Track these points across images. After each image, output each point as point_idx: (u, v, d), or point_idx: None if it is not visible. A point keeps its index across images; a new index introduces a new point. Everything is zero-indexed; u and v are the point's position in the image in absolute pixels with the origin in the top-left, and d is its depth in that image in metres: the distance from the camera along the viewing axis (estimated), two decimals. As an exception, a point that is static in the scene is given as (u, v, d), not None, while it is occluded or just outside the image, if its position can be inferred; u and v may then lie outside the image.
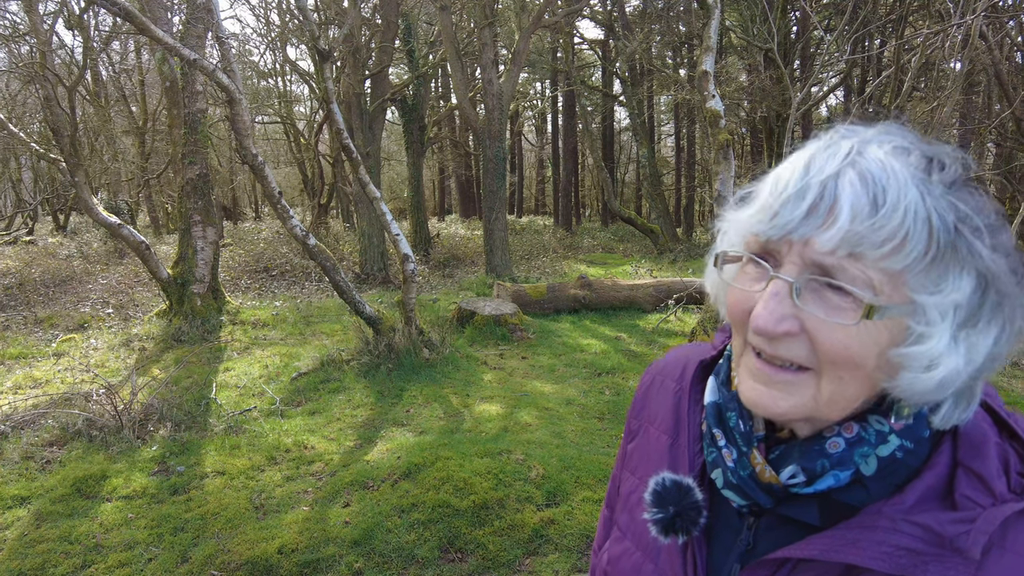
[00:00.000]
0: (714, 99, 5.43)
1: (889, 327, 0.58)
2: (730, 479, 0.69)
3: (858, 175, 0.57)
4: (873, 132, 0.62)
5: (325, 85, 5.70)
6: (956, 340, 0.57)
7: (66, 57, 15.54)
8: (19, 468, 4.43)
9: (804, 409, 0.62)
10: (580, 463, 4.20)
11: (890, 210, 0.56)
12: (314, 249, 5.85)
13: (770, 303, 0.61)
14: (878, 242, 0.56)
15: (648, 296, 9.25)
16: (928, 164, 0.58)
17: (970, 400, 0.61)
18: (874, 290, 0.57)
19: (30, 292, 11.30)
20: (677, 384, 0.85)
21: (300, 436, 4.92)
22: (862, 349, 0.58)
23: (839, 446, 0.63)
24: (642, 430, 0.88)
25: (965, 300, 0.57)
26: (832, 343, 0.59)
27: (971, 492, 0.59)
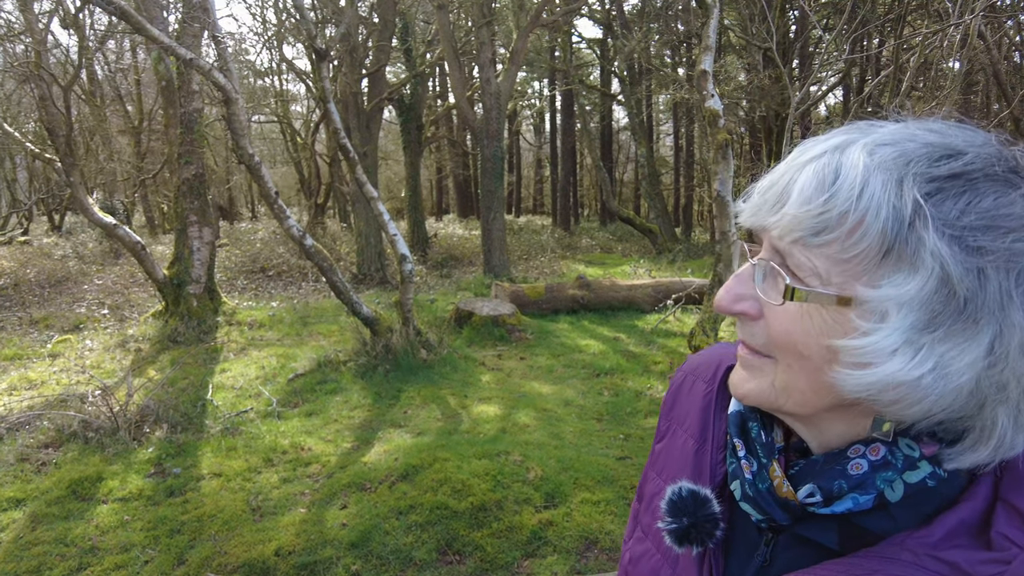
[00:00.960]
0: (713, 98, 5.41)
1: (830, 317, 0.56)
2: (748, 492, 0.67)
3: (822, 164, 0.56)
4: (887, 126, 0.59)
5: (322, 84, 5.66)
6: (911, 345, 0.53)
7: (61, 56, 15.47)
8: (14, 470, 4.39)
9: (765, 395, 0.63)
10: (579, 464, 4.18)
11: (833, 197, 0.54)
12: (311, 249, 5.83)
13: (730, 281, 0.63)
14: (818, 229, 0.55)
15: (647, 296, 9.24)
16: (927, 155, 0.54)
17: (988, 438, 0.55)
18: (820, 278, 0.56)
19: (25, 293, 11.25)
20: (708, 386, 0.83)
21: (297, 438, 4.89)
22: (803, 336, 0.58)
23: (861, 468, 0.60)
24: (671, 431, 0.86)
25: (913, 300, 0.53)
26: (775, 326, 0.59)
27: (1008, 530, 0.55)
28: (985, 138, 0.57)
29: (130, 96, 19.32)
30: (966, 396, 0.53)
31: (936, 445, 0.58)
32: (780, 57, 7.26)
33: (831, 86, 13.75)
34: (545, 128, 31.64)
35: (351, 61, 11.65)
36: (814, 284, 0.56)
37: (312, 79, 16.58)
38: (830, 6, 16.78)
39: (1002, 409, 0.54)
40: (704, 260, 14.68)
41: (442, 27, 11.99)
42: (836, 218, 0.54)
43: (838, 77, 14.71)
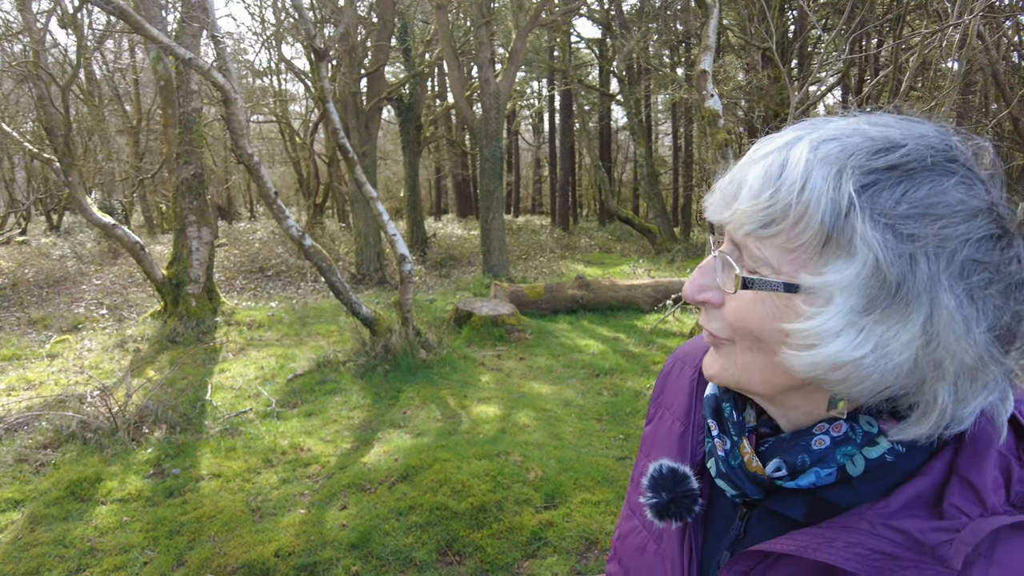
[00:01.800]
0: (713, 98, 5.40)
1: (780, 303, 0.60)
2: (722, 468, 0.71)
3: (770, 161, 0.59)
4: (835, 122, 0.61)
5: (321, 84, 5.65)
6: (853, 327, 0.56)
7: (59, 56, 15.44)
8: (13, 471, 4.38)
9: (728, 374, 0.67)
10: (579, 465, 4.18)
11: (778, 191, 0.57)
12: (310, 250, 5.82)
13: (695, 274, 0.68)
14: (766, 221, 0.58)
15: (646, 296, 9.23)
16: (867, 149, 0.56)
17: (930, 412, 0.58)
18: (771, 268, 0.59)
19: (23, 293, 11.22)
20: (694, 372, 0.88)
21: (296, 438, 4.88)
22: (755, 320, 0.61)
23: (824, 443, 0.63)
24: (659, 415, 0.91)
25: (851, 285, 0.56)
26: (730, 311, 0.64)
27: (960, 502, 0.58)
28: (927, 129, 0.59)
29: (128, 96, 19.29)
30: (907, 374, 0.57)
31: (895, 422, 0.62)
32: (779, 57, 7.26)
33: (830, 86, 13.76)
34: (544, 128, 31.64)
35: (350, 61, 11.63)
36: (766, 273, 0.60)
37: (311, 79, 16.56)
38: (829, 6, 16.80)
39: (941, 386, 0.57)
40: (703, 259, 14.66)
41: (441, 27, 11.98)
42: (781, 211, 0.57)
43: (837, 77, 14.71)
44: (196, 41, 7.91)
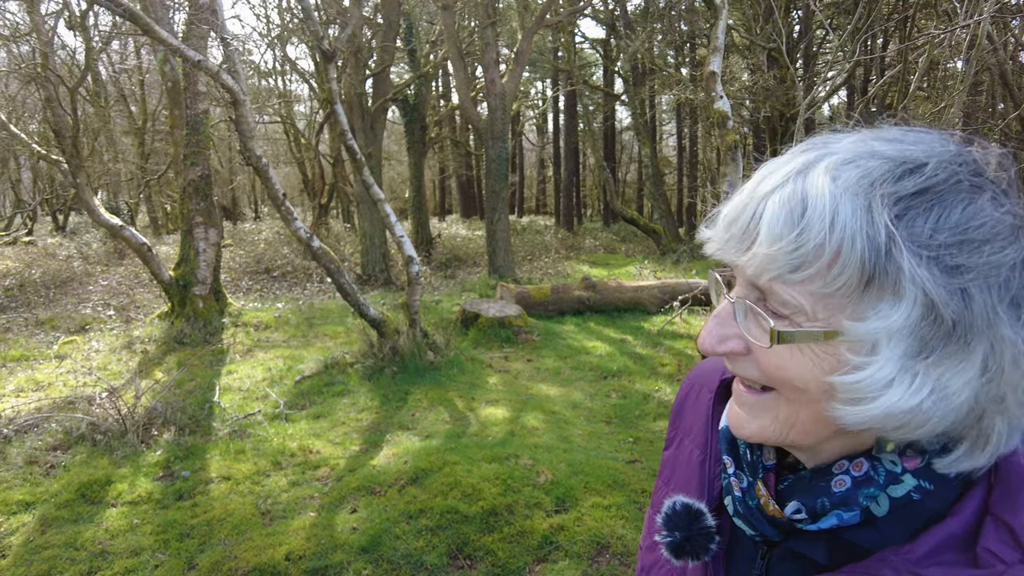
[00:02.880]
0: (721, 100, 5.39)
1: (822, 352, 0.55)
2: (738, 508, 0.68)
3: (787, 194, 0.54)
4: (843, 141, 0.57)
5: (329, 86, 5.65)
6: (906, 373, 0.52)
7: (66, 57, 15.49)
8: (23, 473, 4.39)
9: (769, 432, 0.61)
10: (588, 468, 4.17)
11: (805, 231, 0.52)
12: (318, 251, 5.82)
13: (711, 323, 0.62)
14: (795, 265, 0.53)
15: (653, 297, 9.21)
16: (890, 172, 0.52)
17: (985, 444, 0.54)
18: (806, 315, 0.54)
19: (31, 293, 11.26)
20: (711, 396, 0.83)
21: (305, 440, 4.88)
22: (798, 373, 0.56)
23: (844, 484, 0.59)
24: (677, 440, 0.87)
25: (901, 329, 0.51)
26: (767, 363, 0.58)
27: (996, 546, 0.53)
28: (942, 142, 0.55)
29: (134, 96, 19.34)
30: (966, 412, 0.53)
31: (919, 458, 0.58)
32: (785, 57, 7.24)
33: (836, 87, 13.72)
34: (548, 128, 31.63)
35: (356, 62, 11.64)
36: (800, 321, 0.55)
37: (316, 79, 16.58)
38: (834, 6, 16.75)
39: (999, 418, 0.54)
40: (708, 261, 14.59)
41: (447, 28, 11.98)
42: (812, 252, 0.52)
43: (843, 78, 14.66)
44: (203, 43, 7.92)
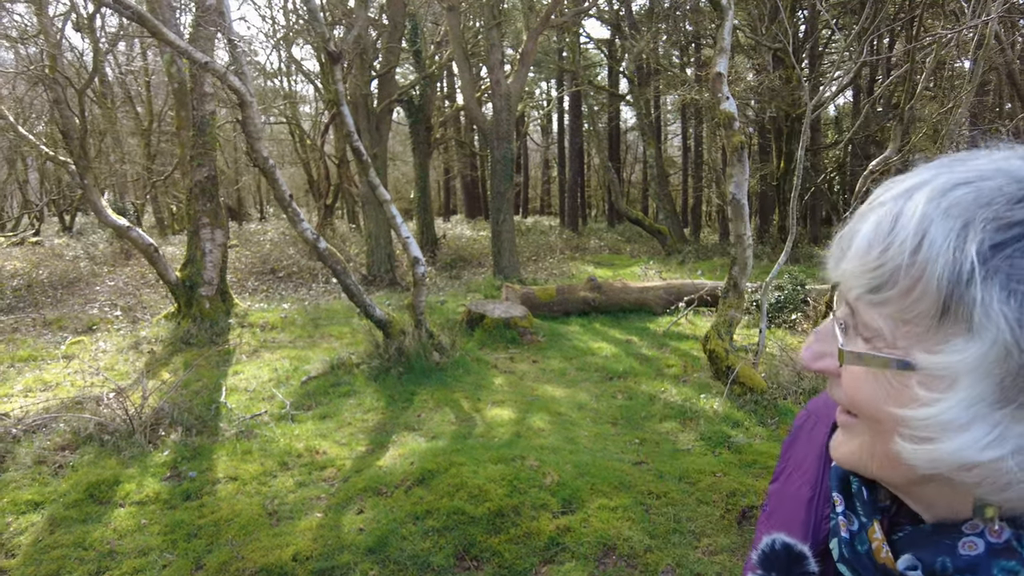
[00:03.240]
0: (728, 101, 5.38)
1: (893, 381, 0.51)
2: (844, 552, 0.62)
3: (885, 211, 0.51)
4: (979, 159, 0.51)
5: (336, 87, 5.67)
6: (982, 421, 0.46)
7: (74, 59, 15.56)
8: (32, 473, 4.41)
9: (855, 458, 0.58)
10: (595, 469, 4.17)
11: (887, 250, 0.49)
12: (325, 253, 5.83)
13: (811, 338, 0.60)
14: (875, 285, 0.50)
15: (658, 298, 9.20)
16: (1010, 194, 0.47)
17: None
18: (885, 340, 0.51)
19: (38, 294, 11.32)
20: (827, 431, 0.75)
21: (311, 441, 4.90)
22: (871, 400, 0.53)
23: (976, 548, 0.52)
24: (786, 473, 0.80)
25: (976, 369, 0.46)
26: (847, 386, 0.56)
27: None
28: None
29: (140, 97, 19.41)
30: None
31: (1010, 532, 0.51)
32: (791, 58, 7.22)
33: (842, 86, 13.68)
34: (552, 128, 31.63)
35: (361, 63, 11.66)
36: (879, 346, 0.51)
37: (321, 80, 16.61)
38: (840, 6, 16.70)
39: None
40: (714, 261, 14.62)
41: (452, 29, 11.99)
42: (890, 273, 0.49)
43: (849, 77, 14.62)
44: (210, 44, 7.95)
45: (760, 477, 4.16)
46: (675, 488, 4.00)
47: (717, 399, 5.51)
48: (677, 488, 4.01)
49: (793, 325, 8.19)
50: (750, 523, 3.66)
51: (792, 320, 8.25)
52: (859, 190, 8.19)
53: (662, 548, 3.40)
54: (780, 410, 5.27)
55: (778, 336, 7.66)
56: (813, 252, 15.86)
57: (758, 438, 4.84)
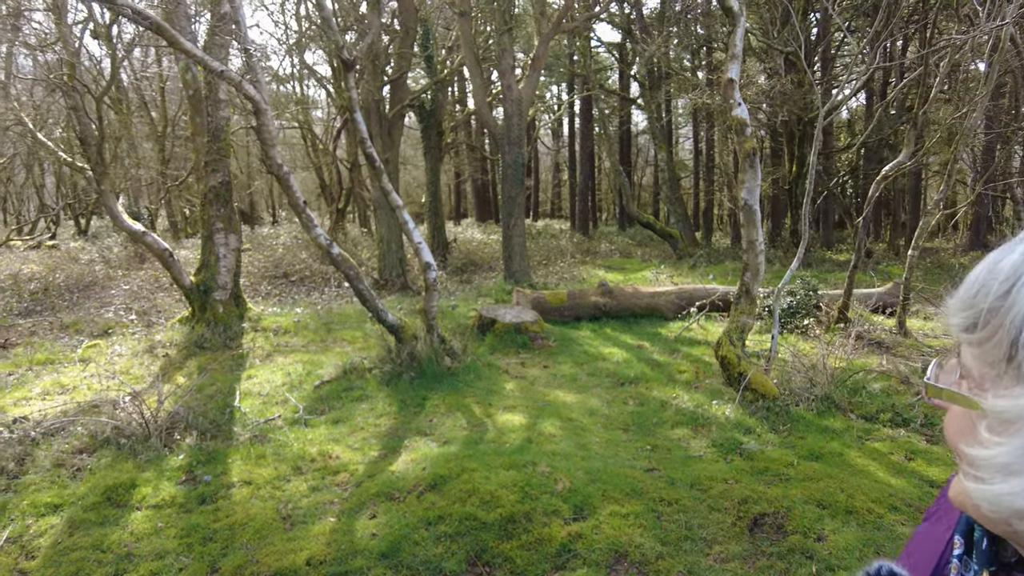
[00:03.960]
0: (740, 107, 5.38)
1: (967, 419, 0.53)
2: None
3: (994, 257, 0.53)
4: None
5: (349, 94, 5.72)
6: None
7: (91, 66, 15.75)
8: (51, 475, 4.48)
9: (958, 496, 0.58)
10: (606, 476, 4.17)
11: (980, 293, 0.51)
12: (338, 258, 5.88)
13: (933, 368, 0.60)
14: (966, 325, 0.52)
15: (670, 303, 9.18)
16: None
17: None
18: (973, 380, 0.52)
19: (55, 297, 11.46)
20: None
21: (324, 445, 4.93)
22: (951, 435, 0.55)
23: None
24: (936, 516, 0.78)
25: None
26: (945, 420, 0.57)
27: None
28: None
29: (154, 102, 19.62)
30: None
31: None
32: (803, 61, 7.20)
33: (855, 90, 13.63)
34: (563, 132, 31.66)
35: (373, 69, 11.74)
36: (970, 385, 0.52)
37: (333, 85, 16.74)
38: (852, 9, 16.62)
39: None
40: (725, 265, 14.57)
41: (463, 34, 12.04)
42: (980, 315, 0.50)
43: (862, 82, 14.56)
44: (225, 51, 8.04)
45: (772, 484, 4.15)
46: (687, 495, 4.00)
47: (729, 405, 5.51)
48: (689, 495, 4.01)
49: (805, 331, 8.15)
50: (762, 531, 3.65)
51: (804, 326, 8.21)
52: (871, 194, 8.15)
53: (674, 555, 3.41)
54: (792, 417, 5.25)
55: (790, 342, 7.63)
56: (825, 256, 15.78)
57: (770, 445, 4.83)
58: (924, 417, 5.18)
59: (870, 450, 4.71)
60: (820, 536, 3.53)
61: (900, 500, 3.88)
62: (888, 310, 8.95)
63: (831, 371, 5.72)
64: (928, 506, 0.82)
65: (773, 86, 14.18)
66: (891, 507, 3.79)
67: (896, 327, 8.05)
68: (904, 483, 4.17)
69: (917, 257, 8.00)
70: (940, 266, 13.75)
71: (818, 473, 4.27)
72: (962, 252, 15.91)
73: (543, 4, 12.47)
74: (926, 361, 6.60)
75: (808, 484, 4.11)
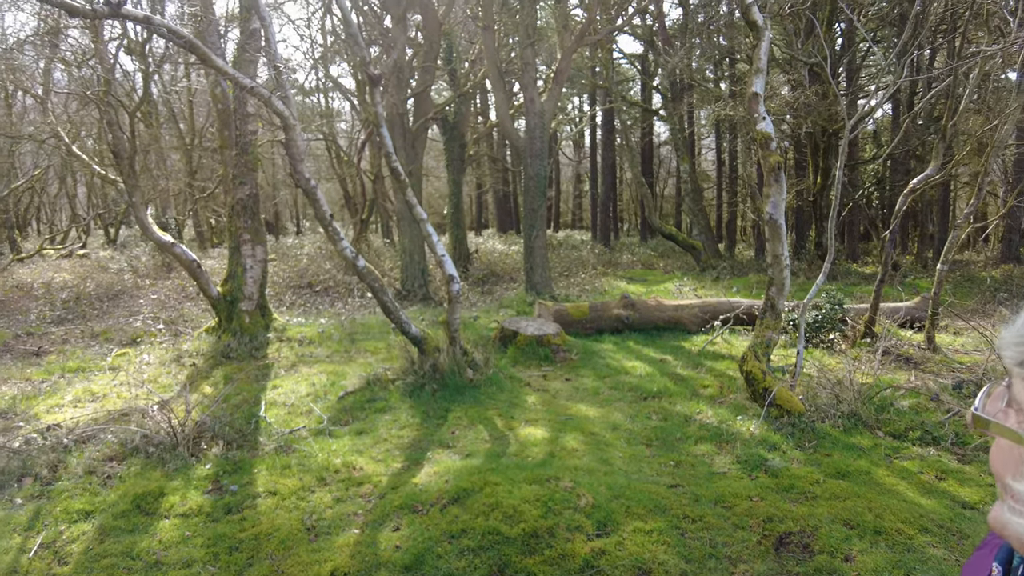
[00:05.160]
0: (764, 121, 5.36)
1: (1011, 451, 0.53)
2: None
3: None
4: None
5: (375, 109, 5.81)
6: None
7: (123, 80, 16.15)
8: (83, 483, 4.57)
9: (997, 523, 0.58)
10: (630, 492, 4.15)
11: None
12: (363, 271, 5.95)
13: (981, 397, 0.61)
14: (1017, 359, 0.53)
15: (693, 317, 9.12)
16: None
17: None
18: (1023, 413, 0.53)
19: (86, 306, 11.72)
20: None
21: (348, 457, 4.97)
22: (996, 466, 0.56)
23: None
24: (991, 543, 0.78)
25: None
26: (991, 451, 0.58)
27: None
28: None
29: (182, 114, 20.04)
30: None
31: None
32: (827, 72, 7.15)
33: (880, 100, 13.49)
34: (584, 143, 31.70)
35: (398, 82, 11.88)
36: (1020, 418, 0.53)
37: (358, 98, 16.96)
38: (878, 19, 16.47)
39: None
40: (749, 278, 14.45)
41: (487, 48, 12.15)
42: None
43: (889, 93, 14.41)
44: (253, 67, 8.20)
45: (798, 502, 4.10)
46: (711, 512, 3.96)
47: (753, 421, 5.45)
48: (713, 512, 3.97)
49: (831, 345, 8.05)
50: (788, 550, 3.61)
51: (830, 340, 8.10)
52: (899, 208, 8.05)
53: (698, 573, 3.38)
54: (818, 433, 5.18)
55: (815, 356, 7.54)
56: (850, 269, 15.57)
57: (795, 462, 4.77)
58: (955, 435, 5.08)
59: (899, 469, 4.63)
60: (848, 556, 3.48)
61: (931, 521, 3.80)
62: (916, 325, 8.80)
63: (858, 387, 5.64)
64: None
65: (797, 98, 14.07)
66: (921, 528, 3.72)
67: (925, 342, 7.91)
68: (935, 503, 4.09)
69: (947, 271, 7.86)
70: (970, 279, 13.48)
71: (845, 491, 4.20)
72: (993, 265, 15.59)
73: (566, 17, 12.54)
74: (956, 378, 6.48)
75: (835, 503, 4.05)
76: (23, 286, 13.06)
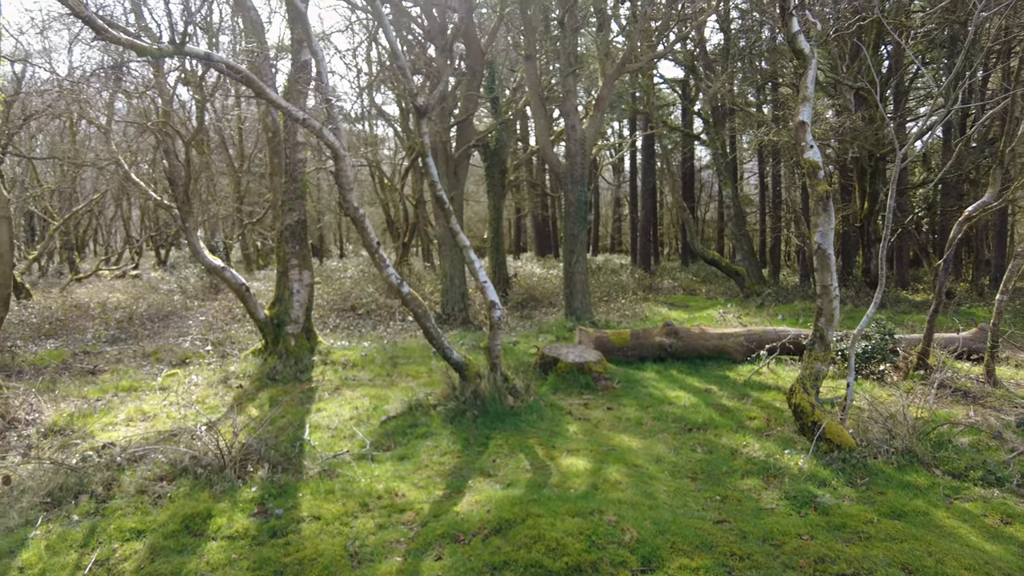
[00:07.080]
0: (812, 150, 5.28)
1: None
2: None
3: None
4: None
5: (422, 140, 5.93)
6: None
7: (178, 109, 16.84)
8: (135, 501, 4.69)
9: None
10: (675, 527, 4.07)
11: None
12: (408, 297, 6.02)
13: None
14: None
15: (738, 345, 8.94)
16: None
17: None
18: None
19: (138, 326, 12.13)
20: None
21: (391, 482, 4.99)
22: None
23: None
24: None
25: None
26: None
27: None
28: None
29: (231, 140, 20.76)
30: None
31: None
32: (874, 96, 7.02)
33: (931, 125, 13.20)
34: (624, 167, 31.68)
35: (441, 111, 12.11)
36: None
37: (401, 126, 17.32)
38: (927, 41, 16.14)
39: None
40: (795, 305, 14.13)
41: (529, 77, 12.31)
42: None
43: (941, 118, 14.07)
44: (304, 98, 8.47)
45: (850, 543, 3.96)
46: (759, 550, 3.85)
47: (802, 456, 5.29)
48: (761, 550, 3.85)
49: (881, 376, 7.79)
50: (842, 593, 3.47)
51: (880, 371, 7.85)
52: (953, 236, 7.80)
53: (748, 616, 3.27)
54: (870, 470, 5.00)
55: (866, 388, 7.30)
56: (900, 296, 15.09)
57: (847, 499, 4.60)
58: (1021, 476, 4.84)
59: (960, 510, 4.43)
60: (907, 604, 3.33)
61: (997, 568, 3.62)
62: (974, 357, 8.45)
63: (912, 422, 5.44)
64: None
65: (843, 123, 13.83)
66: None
67: (984, 375, 7.60)
68: (1001, 549, 3.89)
69: (1007, 300, 7.56)
70: (1030, 309, 12.92)
71: (901, 533, 4.04)
72: (1054, 294, 14.92)
73: (607, 45, 12.64)
74: (1020, 414, 6.19)
75: (891, 545, 3.90)
76: (81, 305, 13.59)
